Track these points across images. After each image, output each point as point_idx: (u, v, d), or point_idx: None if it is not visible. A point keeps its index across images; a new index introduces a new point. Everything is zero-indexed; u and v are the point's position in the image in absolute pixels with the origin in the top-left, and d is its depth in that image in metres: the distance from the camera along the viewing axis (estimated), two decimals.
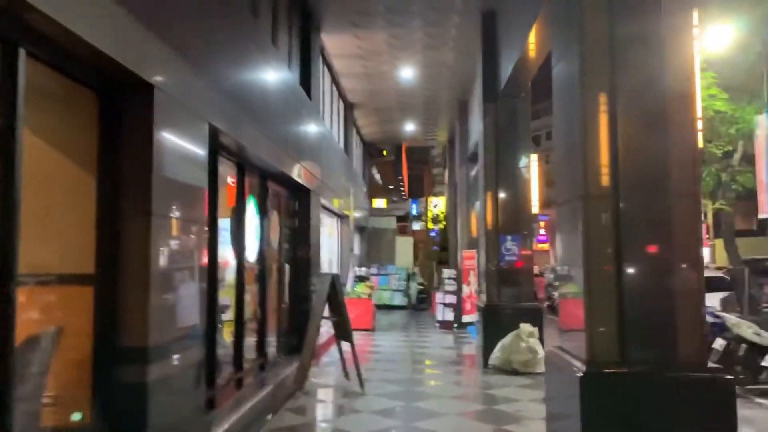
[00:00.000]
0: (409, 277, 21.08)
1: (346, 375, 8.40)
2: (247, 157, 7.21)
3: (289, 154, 8.76)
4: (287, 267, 9.38)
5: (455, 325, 15.23)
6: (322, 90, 12.49)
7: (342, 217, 15.73)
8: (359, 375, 7.89)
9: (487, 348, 9.60)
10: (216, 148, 6.08)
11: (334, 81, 14.17)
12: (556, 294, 16.58)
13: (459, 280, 15.72)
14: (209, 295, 6.08)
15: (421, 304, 20.80)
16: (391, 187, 32.08)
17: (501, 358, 9.32)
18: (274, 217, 8.87)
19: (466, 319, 14.16)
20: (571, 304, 4.68)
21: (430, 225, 31.97)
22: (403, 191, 30.57)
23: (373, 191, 30.38)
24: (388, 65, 13.18)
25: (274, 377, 7.73)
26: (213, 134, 5.65)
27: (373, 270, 20.87)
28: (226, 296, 7.35)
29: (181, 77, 4.62)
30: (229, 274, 7.37)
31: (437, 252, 24.30)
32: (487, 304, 9.91)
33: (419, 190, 40.40)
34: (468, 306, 14.23)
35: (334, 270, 15.63)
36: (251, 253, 7.69)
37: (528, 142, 10.31)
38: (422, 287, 21.20)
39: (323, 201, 12.14)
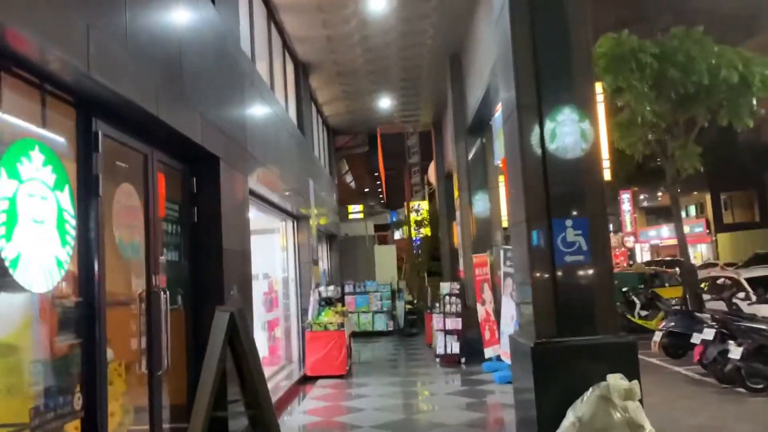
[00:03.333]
0: (394, 295, 16.80)
1: None
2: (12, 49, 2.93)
3: (162, 82, 4.50)
4: (177, 297, 5.05)
5: (463, 360, 10.96)
6: (248, 22, 8.25)
7: (298, 219, 11.43)
8: None
9: (546, 418, 5.37)
10: None
11: (273, 18, 9.90)
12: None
13: (463, 296, 11.49)
14: None
15: (411, 327, 16.50)
16: (366, 190, 27.84)
17: None
18: (132, 201, 4.55)
19: (488, 352, 9.90)
20: None
21: (413, 233, 27.85)
22: (381, 194, 26.30)
23: (347, 196, 26.14)
24: None
25: None
26: None
27: (348, 288, 16.59)
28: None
29: None
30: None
31: (426, 262, 20.08)
32: (539, 341, 5.66)
33: (398, 200, 36.23)
34: (487, 334, 9.96)
35: (292, 293, 11.28)
36: (45, 276, 3.36)
37: (589, 54, 6.14)
38: (411, 306, 16.92)
39: (257, 187, 7.85)
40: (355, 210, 26.50)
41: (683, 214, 53.50)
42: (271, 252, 11.25)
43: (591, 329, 5.64)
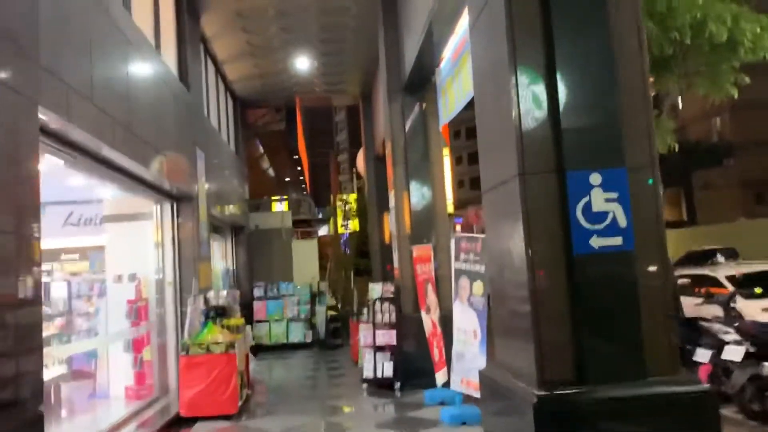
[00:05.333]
0: (315, 299, 14.07)
1: None
2: None
3: None
4: None
5: (397, 386, 8.39)
6: None
7: (180, 200, 8.52)
8: None
9: None
10: None
11: None
12: None
13: (398, 301, 8.90)
14: None
15: (335, 338, 13.80)
16: (287, 179, 24.83)
17: None
18: None
19: (440, 378, 7.30)
20: None
21: (341, 228, 25.19)
22: (304, 185, 23.41)
23: (265, 186, 23.11)
24: None
25: None
26: None
27: (258, 291, 13.71)
28: None
29: None
30: None
31: (352, 258, 17.43)
32: (545, 392, 3.14)
33: (324, 194, 33.37)
34: (437, 354, 7.37)
35: (170, 301, 8.37)
36: None
37: None
38: (335, 313, 14.22)
39: (96, 144, 4.99)
40: (280, 204, 23.53)
41: None
42: (141, 245, 8.31)
43: (637, 369, 3.19)
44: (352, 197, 24.93)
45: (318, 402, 8.19)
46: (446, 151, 9.34)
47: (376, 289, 8.91)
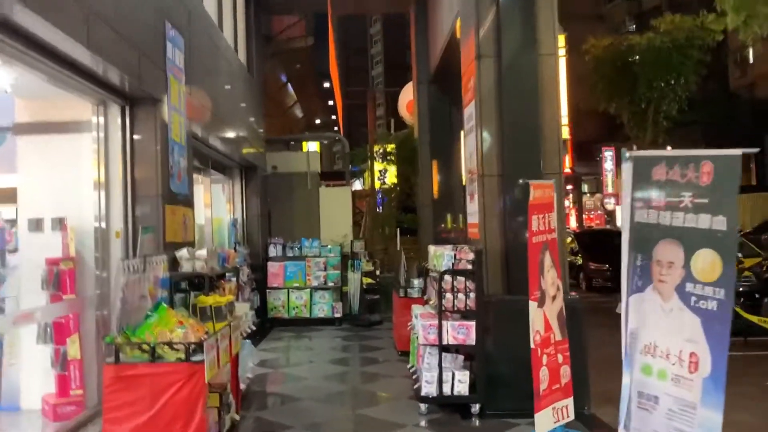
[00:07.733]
0: (347, 262, 10.91)
1: None
2: None
3: None
4: None
5: (476, 409, 5.24)
6: None
7: (134, 102, 5.31)
8: None
9: None
10: None
11: None
12: None
13: (480, 276, 5.59)
14: None
15: (371, 313, 10.66)
16: (317, 121, 21.55)
17: None
18: None
19: (541, 421, 4.04)
20: None
21: (377, 182, 21.87)
22: (337, 126, 20.11)
23: (289, 129, 19.88)
24: None
25: None
26: None
27: (274, 250, 10.61)
28: None
29: None
30: None
31: (393, 213, 14.13)
32: None
33: (359, 139, 29.94)
34: (545, 377, 4.09)
35: (116, 263, 5.22)
36: None
37: None
38: (373, 281, 11.04)
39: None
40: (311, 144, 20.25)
41: None
42: (73, 173, 5.20)
43: None
44: (391, 147, 21.60)
45: None
46: (562, 40, 5.88)
47: (444, 256, 5.61)
